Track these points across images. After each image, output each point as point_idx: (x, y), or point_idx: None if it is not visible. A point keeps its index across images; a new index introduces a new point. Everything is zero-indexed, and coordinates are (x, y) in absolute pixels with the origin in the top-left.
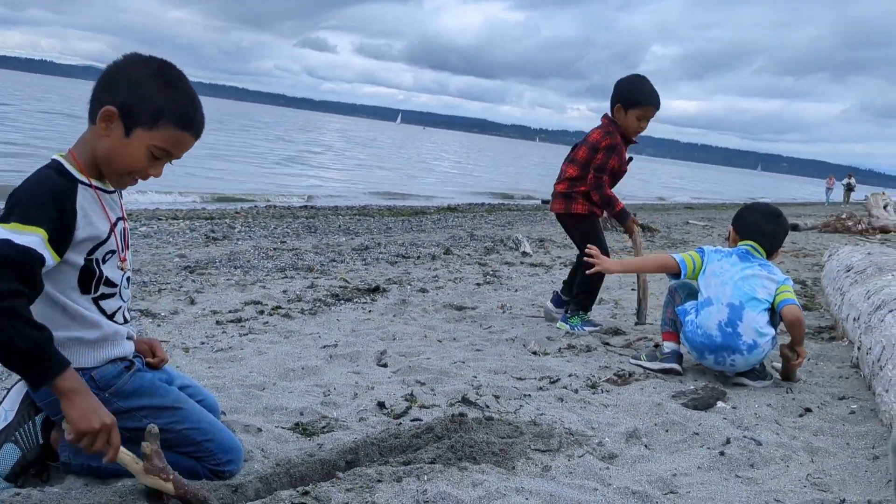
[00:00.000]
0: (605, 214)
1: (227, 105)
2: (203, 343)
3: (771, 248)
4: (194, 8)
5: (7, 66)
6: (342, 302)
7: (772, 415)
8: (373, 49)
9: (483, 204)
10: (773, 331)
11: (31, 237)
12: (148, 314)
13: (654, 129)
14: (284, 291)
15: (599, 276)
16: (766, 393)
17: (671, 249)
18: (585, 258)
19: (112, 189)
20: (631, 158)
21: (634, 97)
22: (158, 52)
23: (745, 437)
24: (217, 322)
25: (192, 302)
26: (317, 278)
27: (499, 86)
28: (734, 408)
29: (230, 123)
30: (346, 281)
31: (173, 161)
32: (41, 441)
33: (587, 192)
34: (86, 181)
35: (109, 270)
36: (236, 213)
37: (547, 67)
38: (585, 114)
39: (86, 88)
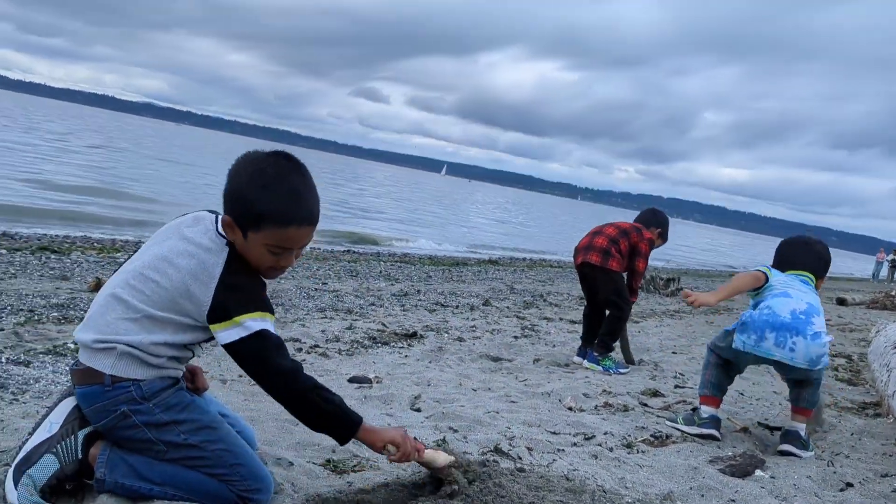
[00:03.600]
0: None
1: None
2: (241, 376)
3: (815, 270)
4: (254, 52)
5: (72, 100)
6: (379, 345)
7: (811, 487)
8: (424, 101)
9: (524, 259)
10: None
11: (273, 324)
12: None
13: (703, 195)
14: (323, 331)
15: (624, 322)
16: (807, 464)
17: (716, 315)
18: (684, 300)
19: None
20: None
21: (667, 234)
22: (213, 93)
23: None
24: None
25: None
26: (355, 320)
27: (547, 143)
28: (773, 477)
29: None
30: (384, 325)
31: (302, 249)
32: (80, 456)
33: (620, 258)
34: None
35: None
36: None
37: (596, 127)
38: (633, 175)
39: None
